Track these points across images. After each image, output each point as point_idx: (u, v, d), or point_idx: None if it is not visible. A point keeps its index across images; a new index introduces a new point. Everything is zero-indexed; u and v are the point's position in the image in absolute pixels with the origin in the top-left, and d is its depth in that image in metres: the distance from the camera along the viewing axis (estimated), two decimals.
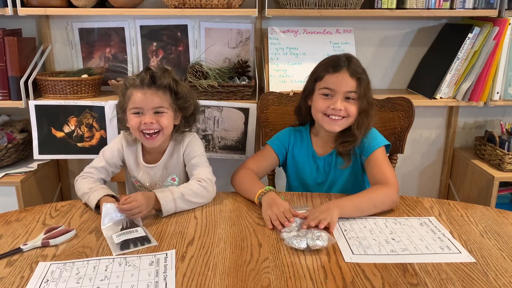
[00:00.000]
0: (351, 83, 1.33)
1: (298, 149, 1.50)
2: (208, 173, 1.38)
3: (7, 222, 1.20)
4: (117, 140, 1.48)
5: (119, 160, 1.46)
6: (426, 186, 2.38)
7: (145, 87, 1.33)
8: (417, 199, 1.35)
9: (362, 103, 1.35)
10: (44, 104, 1.92)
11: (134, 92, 1.35)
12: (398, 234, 1.13)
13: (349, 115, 1.35)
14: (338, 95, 1.34)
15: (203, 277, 0.95)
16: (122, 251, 1.05)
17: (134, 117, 1.35)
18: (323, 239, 1.06)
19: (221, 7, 1.85)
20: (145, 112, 1.34)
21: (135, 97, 1.34)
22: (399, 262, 1.00)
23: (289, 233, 1.10)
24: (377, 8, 1.89)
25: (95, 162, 1.43)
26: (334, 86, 1.34)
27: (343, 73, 1.34)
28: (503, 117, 2.26)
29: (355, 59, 1.39)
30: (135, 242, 1.08)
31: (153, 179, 1.46)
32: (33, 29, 2.11)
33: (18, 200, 1.88)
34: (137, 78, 1.35)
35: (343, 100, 1.34)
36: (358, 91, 1.34)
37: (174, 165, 1.46)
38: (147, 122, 1.33)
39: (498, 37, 1.89)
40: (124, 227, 1.14)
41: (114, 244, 1.07)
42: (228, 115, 1.97)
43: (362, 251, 1.05)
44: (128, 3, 1.87)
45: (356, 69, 1.35)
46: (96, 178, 1.40)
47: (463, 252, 1.05)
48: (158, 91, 1.34)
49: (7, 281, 0.94)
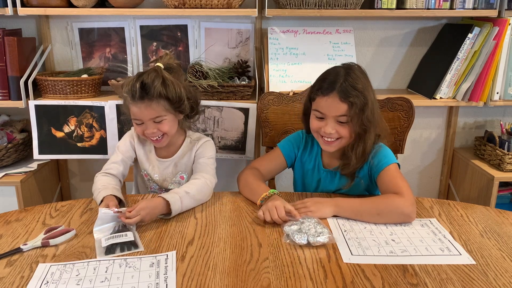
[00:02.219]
0: (341, 108, 1.25)
1: (307, 156, 1.48)
2: (211, 174, 1.41)
3: (7, 222, 1.20)
4: (129, 134, 1.53)
5: (133, 152, 1.51)
6: (426, 186, 2.38)
7: (137, 101, 1.35)
8: (417, 199, 1.35)
9: (355, 125, 1.27)
10: (44, 104, 1.92)
11: (130, 105, 1.38)
12: (398, 235, 1.13)
13: (342, 136, 1.29)
14: (328, 119, 1.28)
15: (203, 277, 0.95)
16: (106, 256, 1.03)
17: (137, 126, 1.41)
18: (324, 236, 1.07)
19: (221, 7, 1.85)
20: (145, 122, 1.38)
21: (132, 110, 1.38)
22: (397, 264, 1.00)
23: (291, 227, 1.11)
24: (377, 8, 1.89)
25: (113, 158, 1.47)
26: (324, 110, 1.28)
27: (333, 97, 1.25)
28: (503, 117, 2.26)
29: (354, 74, 1.27)
30: (122, 247, 1.06)
31: (162, 173, 1.50)
32: (33, 29, 2.11)
33: (18, 200, 1.88)
34: (129, 92, 1.35)
35: (334, 123, 1.28)
36: (349, 114, 1.25)
37: (185, 164, 1.50)
38: (149, 133, 1.39)
39: (498, 37, 1.89)
40: (115, 231, 1.12)
41: (101, 247, 1.06)
42: (228, 115, 1.97)
43: (361, 252, 1.05)
44: (128, 3, 1.87)
45: (348, 91, 1.24)
46: (116, 172, 1.42)
47: (463, 253, 1.05)
48: (151, 102, 1.35)
49: (7, 281, 0.94)
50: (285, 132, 1.68)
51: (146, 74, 1.36)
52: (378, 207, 1.20)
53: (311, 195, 1.37)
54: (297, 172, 1.52)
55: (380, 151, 1.33)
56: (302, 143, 1.48)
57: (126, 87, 1.36)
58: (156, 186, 1.52)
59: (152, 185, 1.52)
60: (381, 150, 1.34)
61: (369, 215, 1.19)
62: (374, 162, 1.32)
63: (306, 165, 1.48)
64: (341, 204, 1.22)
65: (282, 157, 1.48)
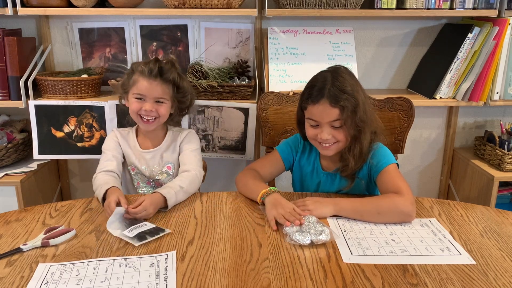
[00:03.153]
0: (333, 113, 1.25)
1: (306, 160, 1.48)
2: (200, 166, 1.49)
3: (7, 222, 1.20)
4: (111, 135, 1.58)
5: (120, 148, 1.55)
6: (426, 186, 2.38)
7: (151, 77, 1.43)
8: (417, 199, 1.35)
9: (350, 127, 1.27)
10: (44, 104, 1.92)
11: (140, 79, 1.45)
12: (398, 235, 1.13)
13: (339, 140, 1.30)
14: (322, 125, 1.28)
15: (203, 277, 0.95)
16: (141, 242, 1.07)
17: (135, 101, 1.46)
18: (326, 234, 1.07)
19: (221, 7, 1.85)
20: (147, 100, 1.45)
21: (140, 84, 1.44)
22: (397, 263, 1.00)
23: (292, 228, 1.11)
24: (377, 8, 1.89)
25: (103, 157, 1.52)
26: (317, 118, 1.28)
27: (323, 104, 1.25)
28: (503, 117, 2.26)
29: (341, 77, 1.28)
30: (151, 233, 1.11)
31: (149, 164, 1.54)
32: (33, 29, 2.11)
33: (18, 200, 1.88)
34: (146, 67, 1.44)
35: (329, 128, 1.28)
36: (342, 118, 1.26)
37: (170, 155, 1.56)
38: (147, 109, 1.45)
39: (498, 37, 1.89)
40: (127, 224, 1.16)
41: (130, 238, 1.09)
42: (228, 115, 1.97)
43: (361, 252, 1.05)
44: (128, 3, 1.87)
45: (338, 95, 1.24)
46: (112, 168, 1.46)
47: (463, 253, 1.05)
48: (163, 83, 1.45)
49: (7, 281, 0.94)
50: (285, 132, 1.68)
51: (164, 61, 1.48)
52: (378, 206, 1.20)
53: (311, 195, 1.37)
54: (295, 175, 1.52)
55: (379, 150, 1.34)
56: (300, 147, 1.48)
57: (142, 64, 1.45)
58: (145, 179, 1.56)
59: (139, 179, 1.56)
60: (380, 150, 1.34)
61: (370, 214, 1.19)
62: (373, 162, 1.33)
63: (305, 168, 1.48)
64: (341, 204, 1.23)
65: (280, 160, 1.48)
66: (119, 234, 1.12)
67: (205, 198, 1.37)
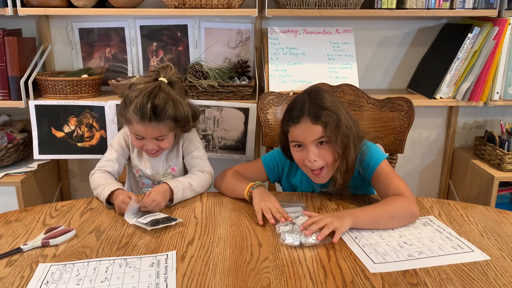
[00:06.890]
0: (316, 130, 1.22)
1: (293, 174, 1.44)
2: (209, 165, 1.48)
3: (7, 222, 1.20)
4: (122, 132, 1.53)
5: (128, 150, 1.52)
6: (426, 186, 2.38)
7: (145, 121, 1.33)
8: (417, 199, 1.35)
9: (335, 144, 1.23)
10: (44, 104, 1.92)
11: (134, 122, 1.35)
12: (407, 237, 1.11)
13: (326, 162, 1.26)
14: (307, 145, 1.24)
15: (203, 277, 0.95)
16: (153, 227, 1.12)
17: (135, 139, 1.41)
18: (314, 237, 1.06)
19: (221, 7, 1.85)
20: (146, 139, 1.38)
21: (135, 127, 1.36)
22: (422, 267, 0.98)
23: (285, 227, 1.11)
24: (377, 8, 1.89)
25: (107, 155, 1.48)
26: (301, 138, 1.25)
27: (305, 123, 1.23)
28: (503, 117, 2.26)
29: (319, 95, 1.26)
30: (163, 221, 1.16)
31: (154, 167, 1.52)
32: (33, 29, 2.11)
33: (18, 200, 1.88)
34: (138, 110, 1.31)
35: (315, 148, 1.24)
36: (326, 135, 1.23)
37: (174, 156, 1.53)
38: (149, 148, 1.40)
39: (498, 37, 1.89)
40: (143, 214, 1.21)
41: (144, 224, 1.14)
42: (228, 115, 1.97)
43: (382, 259, 1.01)
44: (128, 3, 1.87)
45: (318, 111, 1.22)
46: (111, 170, 1.44)
47: (475, 250, 1.04)
48: (159, 124, 1.35)
49: (7, 281, 0.94)
50: None
51: (158, 96, 1.33)
52: (390, 211, 1.16)
53: (310, 195, 1.37)
54: (286, 189, 1.49)
55: (366, 153, 1.31)
56: (287, 164, 1.44)
57: (134, 106, 1.31)
58: (149, 181, 1.54)
59: (144, 181, 1.55)
60: (367, 151, 1.31)
61: (385, 222, 1.15)
62: (364, 166, 1.31)
63: (295, 181, 1.45)
64: (357, 214, 1.15)
65: (263, 172, 1.45)
66: (135, 221, 1.16)
67: (205, 198, 1.37)
